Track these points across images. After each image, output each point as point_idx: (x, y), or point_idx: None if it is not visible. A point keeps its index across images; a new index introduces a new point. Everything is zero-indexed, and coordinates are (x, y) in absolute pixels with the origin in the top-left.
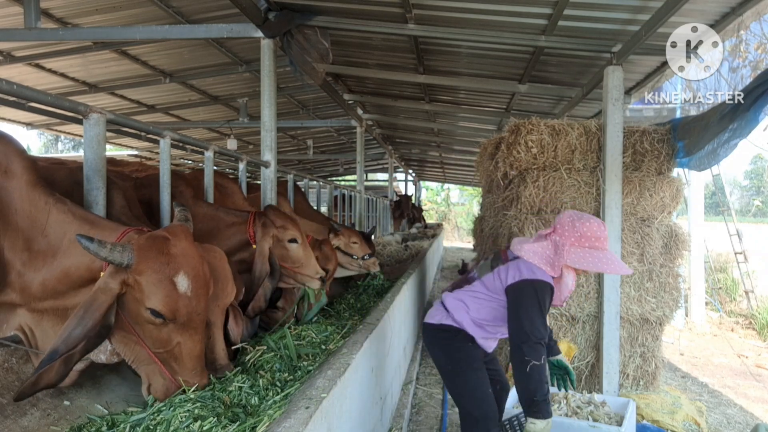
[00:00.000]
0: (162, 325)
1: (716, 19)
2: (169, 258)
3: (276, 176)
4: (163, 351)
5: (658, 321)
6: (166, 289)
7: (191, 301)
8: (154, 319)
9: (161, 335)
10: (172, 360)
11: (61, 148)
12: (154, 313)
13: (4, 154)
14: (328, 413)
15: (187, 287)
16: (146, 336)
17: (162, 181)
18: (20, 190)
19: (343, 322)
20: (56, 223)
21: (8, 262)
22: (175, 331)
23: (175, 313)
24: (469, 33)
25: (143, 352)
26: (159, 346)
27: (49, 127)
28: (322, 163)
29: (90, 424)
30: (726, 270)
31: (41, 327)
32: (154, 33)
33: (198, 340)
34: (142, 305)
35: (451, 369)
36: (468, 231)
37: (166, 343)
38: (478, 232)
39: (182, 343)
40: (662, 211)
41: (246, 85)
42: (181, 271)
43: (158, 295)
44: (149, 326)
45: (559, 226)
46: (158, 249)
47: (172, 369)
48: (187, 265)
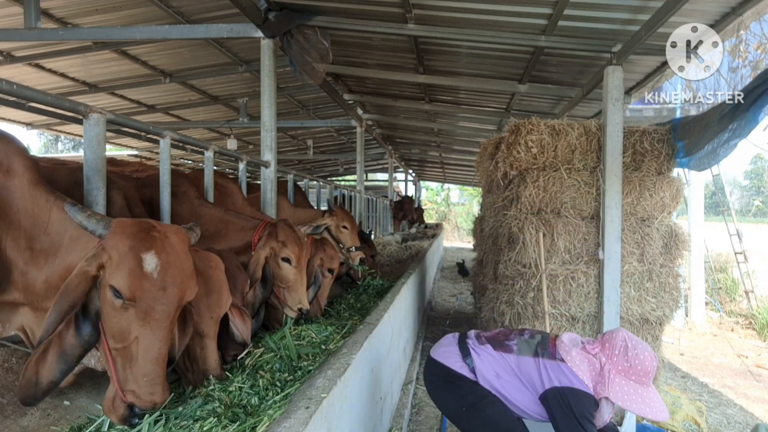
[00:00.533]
0: (121, 309)
1: (716, 19)
2: (146, 236)
3: (276, 176)
4: (120, 346)
5: (658, 321)
6: (131, 263)
7: (155, 287)
8: (114, 299)
9: (120, 323)
10: (127, 361)
11: (61, 148)
12: (114, 291)
13: (5, 153)
14: (328, 413)
15: (154, 268)
16: (107, 326)
17: (162, 180)
18: (22, 189)
19: (343, 322)
20: (58, 221)
21: (11, 260)
22: (135, 321)
23: (136, 292)
24: (469, 33)
25: (104, 348)
26: (117, 340)
27: (49, 127)
28: (322, 163)
29: (90, 424)
30: (726, 270)
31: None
32: (154, 33)
33: (159, 338)
34: (107, 283)
35: (466, 409)
36: (468, 231)
37: (122, 335)
38: (478, 232)
39: (140, 338)
40: (662, 211)
41: (246, 85)
42: (153, 250)
43: (122, 268)
44: (111, 312)
45: (609, 347)
46: (138, 228)
47: (125, 375)
48: (161, 249)
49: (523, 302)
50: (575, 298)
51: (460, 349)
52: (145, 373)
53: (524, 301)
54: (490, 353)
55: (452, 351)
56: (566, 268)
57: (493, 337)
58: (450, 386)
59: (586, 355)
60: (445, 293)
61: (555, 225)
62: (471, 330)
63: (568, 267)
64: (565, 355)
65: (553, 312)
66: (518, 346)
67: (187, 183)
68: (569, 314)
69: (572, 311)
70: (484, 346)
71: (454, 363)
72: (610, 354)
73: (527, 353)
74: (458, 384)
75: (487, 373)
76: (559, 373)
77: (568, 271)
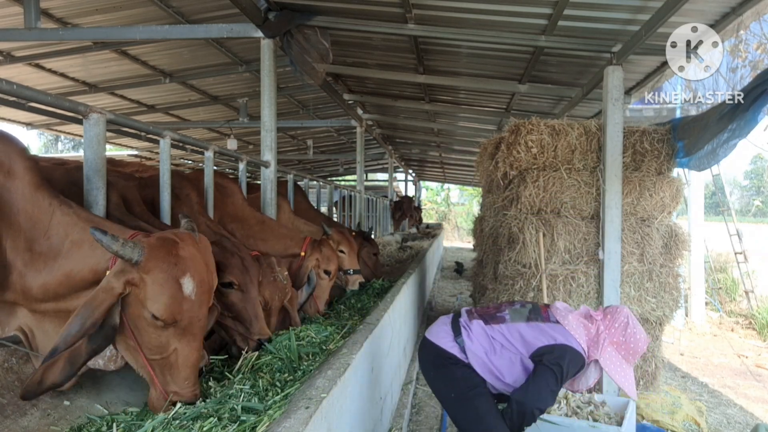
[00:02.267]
0: (161, 329)
1: (716, 19)
2: (178, 259)
3: (276, 176)
4: (159, 357)
5: (658, 321)
6: (171, 290)
7: (194, 306)
8: (154, 321)
9: (159, 340)
10: (167, 369)
11: (61, 148)
12: (154, 316)
13: (6, 154)
14: (328, 413)
15: (192, 290)
16: (143, 341)
17: (162, 181)
18: (23, 191)
19: (343, 322)
20: (59, 224)
21: (10, 262)
22: (174, 336)
23: (177, 315)
24: (469, 33)
25: (139, 359)
26: (155, 352)
27: (49, 127)
28: (322, 163)
29: (90, 424)
30: (726, 270)
31: (42, 328)
32: (154, 33)
33: (195, 348)
34: (144, 306)
35: (454, 396)
36: (468, 231)
37: (163, 349)
38: (478, 232)
39: (179, 350)
40: (662, 211)
41: (246, 85)
42: (188, 273)
43: (163, 296)
44: (148, 329)
45: (611, 319)
46: (168, 249)
47: (165, 380)
48: (193, 269)
49: None
50: (575, 298)
51: (453, 328)
52: (186, 377)
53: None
54: (481, 328)
55: (445, 330)
56: (566, 268)
57: (485, 311)
58: (442, 369)
59: (581, 320)
60: (445, 293)
61: (555, 225)
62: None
63: (568, 267)
64: (561, 319)
65: None
66: (510, 315)
67: (189, 186)
68: None
69: None
70: (476, 321)
71: (445, 343)
72: (610, 325)
73: (520, 320)
74: (450, 368)
75: (477, 351)
76: (555, 333)
77: (568, 271)
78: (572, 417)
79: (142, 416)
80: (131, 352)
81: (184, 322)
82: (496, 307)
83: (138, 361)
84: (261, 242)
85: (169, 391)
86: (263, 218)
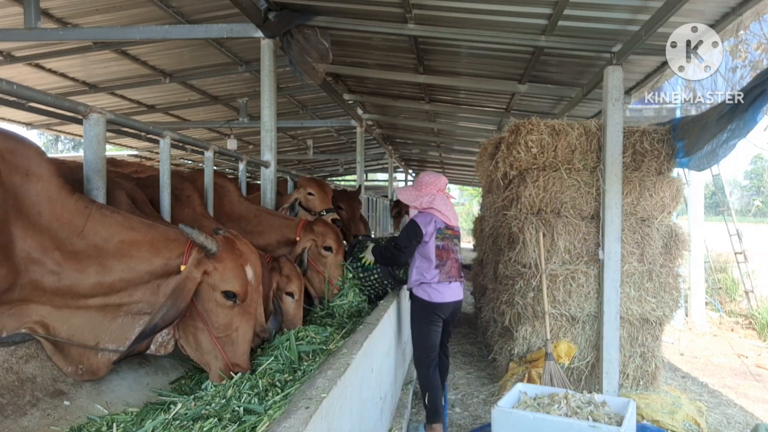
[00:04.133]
0: (229, 308)
1: (716, 19)
2: (241, 252)
3: (276, 176)
4: (223, 335)
5: (658, 321)
6: (241, 274)
7: (255, 289)
8: (225, 301)
9: (226, 318)
10: (229, 344)
11: (61, 148)
12: (228, 294)
13: (25, 157)
14: (328, 413)
15: (253, 276)
16: (212, 321)
17: (162, 181)
18: (47, 192)
19: (343, 322)
20: (100, 225)
21: (35, 260)
22: (237, 316)
23: (245, 295)
24: (469, 33)
25: (206, 337)
26: (221, 330)
27: (49, 127)
28: (322, 163)
29: (90, 424)
30: (726, 270)
31: (69, 322)
32: (154, 33)
33: (251, 327)
34: (217, 290)
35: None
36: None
37: (228, 326)
38: (478, 232)
39: (240, 327)
40: (662, 211)
41: (246, 85)
42: (249, 262)
43: (235, 279)
44: (218, 310)
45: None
46: (232, 244)
47: (231, 355)
48: (252, 260)
49: (523, 302)
50: (575, 298)
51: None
52: (244, 351)
53: (524, 301)
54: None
55: None
56: (566, 268)
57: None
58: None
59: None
60: None
61: (555, 225)
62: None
63: (568, 267)
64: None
65: (553, 312)
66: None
67: (191, 188)
68: (569, 314)
69: (572, 311)
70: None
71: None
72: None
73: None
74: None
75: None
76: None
77: (568, 271)
78: (572, 417)
79: (143, 416)
80: (197, 334)
81: (246, 303)
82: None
83: (201, 342)
84: (259, 236)
85: (233, 363)
86: (258, 211)
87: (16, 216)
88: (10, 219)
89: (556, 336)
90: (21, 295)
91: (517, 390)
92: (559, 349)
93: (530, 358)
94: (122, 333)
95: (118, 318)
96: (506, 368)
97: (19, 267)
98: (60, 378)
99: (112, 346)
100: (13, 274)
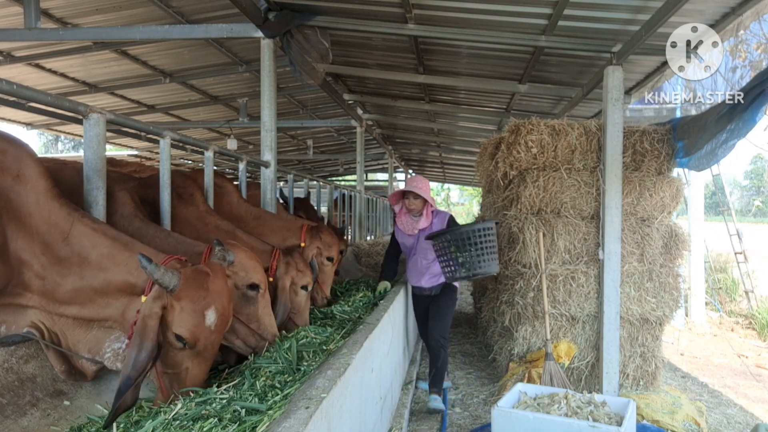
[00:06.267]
0: (179, 350)
1: (716, 19)
2: (207, 293)
3: (276, 176)
4: (171, 372)
5: (658, 321)
6: (196, 320)
7: (212, 335)
8: (176, 342)
9: (175, 358)
10: (175, 382)
11: (61, 148)
12: (178, 338)
13: (16, 158)
14: (328, 413)
15: (213, 322)
16: (162, 356)
17: (162, 181)
18: (35, 195)
19: (343, 322)
20: (82, 234)
21: (24, 262)
22: (188, 357)
23: (197, 342)
24: (469, 33)
25: (153, 369)
26: (169, 367)
27: (49, 127)
28: (322, 163)
29: (90, 424)
30: (726, 270)
31: (58, 329)
32: (154, 33)
33: (204, 369)
34: (170, 329)
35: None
36: None
37: (177, 366)
38: None
39: (190, 368)
40: (662, 211)
41: (246, 85)
42: (213, 306)
43: (188, 323)
44: (167, 346)
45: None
46: (200, 283)
47: (171, 391)
48: (218, 303)
49: (523, 302)
50: (575, 298)
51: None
52: (190, 392)
53: (524, 301)
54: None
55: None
56: (566, 268)
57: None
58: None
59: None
60: None
61: (555, 225)
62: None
63: (568, 267)
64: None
65: (553, 312)
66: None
67: (194, 186)
68: (569, 314)
69: (572, 311)
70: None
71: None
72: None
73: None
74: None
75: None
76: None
77: (568, 271)
78: (572, 417)
79: (142, 416)
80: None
81: (200, 347)
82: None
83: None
84: (259, 237)
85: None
86: (259, 213)
87: (8, 217)
88: (2, 220)
89: (556, 336)
90: (26, 297)
91: (517, 390)
92: (559, 349)
93: (530, 358)
94: (97, 344)
95: (92, 329)
96: (506, 368)
97: (14, 267)
98: (60, 378)
99: (88, 356)
100: (9, 272)
